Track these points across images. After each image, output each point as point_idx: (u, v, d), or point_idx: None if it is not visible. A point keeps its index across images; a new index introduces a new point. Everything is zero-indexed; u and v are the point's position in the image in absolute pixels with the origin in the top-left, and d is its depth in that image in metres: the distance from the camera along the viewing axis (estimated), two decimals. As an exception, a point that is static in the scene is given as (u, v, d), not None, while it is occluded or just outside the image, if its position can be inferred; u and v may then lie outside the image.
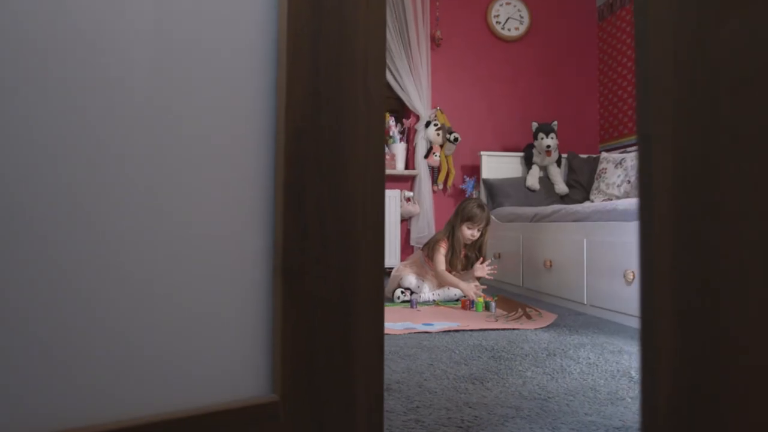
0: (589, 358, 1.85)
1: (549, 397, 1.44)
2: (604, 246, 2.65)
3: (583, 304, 2.83)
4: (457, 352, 1.94)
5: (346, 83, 0.74)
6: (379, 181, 0.74)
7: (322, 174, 0.71)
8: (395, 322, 2.47)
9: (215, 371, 0.70)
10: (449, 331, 2.30)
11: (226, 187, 0.70)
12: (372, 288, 0.74)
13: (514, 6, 4.72)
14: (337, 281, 0.72)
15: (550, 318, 2.54)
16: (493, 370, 1.69)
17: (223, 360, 0.71)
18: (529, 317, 2.59)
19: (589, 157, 4.45)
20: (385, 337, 2.18)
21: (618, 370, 1.71)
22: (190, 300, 0.68)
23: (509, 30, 4.72)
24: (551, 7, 4.81)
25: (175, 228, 0.67)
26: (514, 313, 2.71)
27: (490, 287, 3.68)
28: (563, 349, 1.98)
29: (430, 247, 3.24)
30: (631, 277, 2.41)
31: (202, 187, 0.69)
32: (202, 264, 0.69)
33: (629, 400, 1.42)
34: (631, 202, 2.55)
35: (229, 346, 0.71)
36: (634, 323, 2.42)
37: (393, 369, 1.70)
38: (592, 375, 1.65)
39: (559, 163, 4.41)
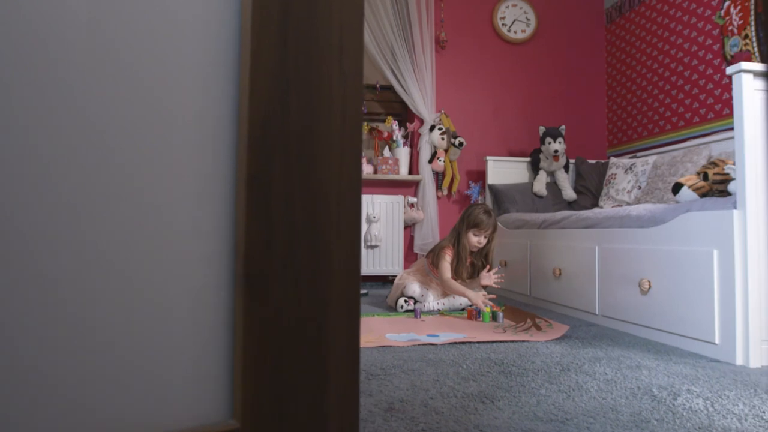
0: (606, 374, 1.73)
1: (567, 419, 1.32)
2: (618, 254, 2.53)
3: (595, 314, 2.70)
4: (464, 366, 1.82)
5: (318, 65, 0.64)
6: (355, 175, 0.63)
7: (291, 166, 0.61)
8: (399, 333, 2.35)
9: (164, 392, 0.58)
10: (455, 343, 2.19)
11: (180, 181, 0.59)
12: (347, 298, 0.63)
13: (521, 8, 4.62)
14: (308, 290, 0.62)
15: (561, 329, 2.42)
16: (503, 387, 1.57)
17: (175, 378, 0.59)
18: (539, 328, 2.47)
19: (597, 162, 4.33)
20: (389, 349, 2.06)
21: (638, 387, 1.59)
22: (136, 312, 0.57)
23: (515, 32, 4.62)
24: (558, 10, 4.71)
25: (114, 230, 0.56)
26: (522, 323, 2.59)
27: (497, 297, 3.56)
28: (578, 364, 1.86)
29: (434, 255, 3.13)
30: (647, 286, 2.29)
31: (150, 182, 0.58)
32: (150, 270, 0.58)
33: (654, 422, 1.30)
34: (646, 208, 2.43)
35: (183, 364, 0.60)
36: (650, 335, 2.30)
37: (396, 385, 1.58)
38: (611, 393, 1.53)
39: (566, 168, 4.30)
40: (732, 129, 3.31)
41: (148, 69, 0.59)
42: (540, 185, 4.18)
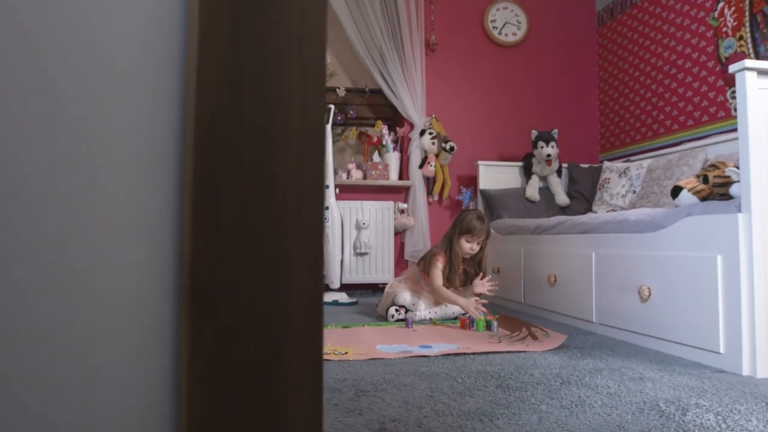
0: (609, 387, 1.64)
1: (572, 439, 1.22)
2: (616, 260, 2.44)
3: (592, 322, 2.62)
4: (459, 380, 1.72)
5: (275, 52, 0.55)
6: (317, 176, 0.54)
7: (244, 166, 0.52)
8: (390, 344, 2.25)
9: (100, 428, 0.49)
10: (449, 354, 2.09)
11: (115, 184, 0.50)
12: (310, 315, 0.54)
13: (512, 11, 4.55)
14: (264, 307, 0.52)
15: (558, 339, 2.33)
16: (502, 404, 1.47)
17: (111, 411, 0.49)
18: (535, 338, 2.38)
19: (590, 166, 4.26)
20: (379, 362, 1.96)
21: (644, 402, 1.49)
22: (66, 334, 0.47)
23: (506, 35, 4.55)
24: (549, 13, 4.65)
25: (40, 240, 0.46)
26: (518, 333, 2.49)
27: (489, 304, 3.46)
28: (578, 376, 1.77)
29: (426, 262, 3.03)
30: (647, 293, 2.21)
31: (81, 186, 0.48)
32: (81, 287, 0.48)
33: (666, 442, 1.21)
34: (645, 213, 2.35)
35: (120, 394, 0.50)
36: (651, 344, 2.22)
37: (388, 402, 1.48)
38: (617, 408, 1.44)
39: (559, 173, 4.23)
40: (728, 132, 3.26)
41: (72, 51, 0.49)
42: (533, 190, 4.11)
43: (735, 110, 3.29)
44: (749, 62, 1.83)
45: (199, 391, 0.49)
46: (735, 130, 3.23)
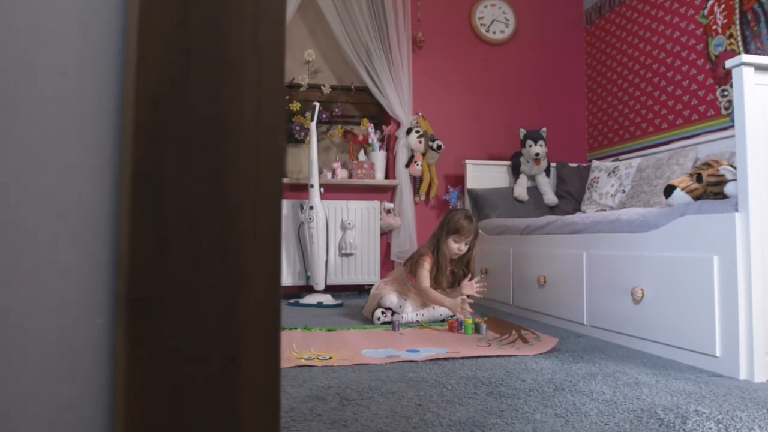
0: (604, 393, 1.58)
1: (569, 452, 1.15)
2: (607, 260, 2.38)
3: (583, 324, 2.56)
4: (448, 387, 1.64)
5: (227, 36, 0.48)
6: (275, 176, 0.47)
7: (191, 160, 0.44)
8: (376, 348, 2.17)
9: None
10: (437, 359, 2.01)
11: (40, 177, 0.42)
12: (267, 328, 0.47)
13: (499, 8, 4.49)
14: (215, 317, 0.45)
15: (549, 342, 2.26)
16: (494, 412, 1.40)
17: None
18: (525, 341, 2.31)
19: (578, 166, 4.22)
20: (365, 368, 1.88)
21: (642, 409, 1.43)
22: None
23: (494, 33, 4.49)
24: (537, 10, 4.60)
25: None
26: (507, 336, 2.42)
27: (477, 306, 3.40)
28: (572, 382, 1.70)
29: (413, 262, 2.95)
30: (640, 295, 2.15)
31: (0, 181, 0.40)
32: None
33: (669, 454, 1.15)
34: (638, 212, 2.29)
35: (41, 419, 0.42)
36: (645, 347, 2.16)
37: (374, 412, 1.40)
38: (614, 417, 1.37)
39: (547, 172, 4.17)
40: (718, 130, 3.22)
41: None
42: (521, 189, 4.05)
43: (725, 109, 3.25)
44: (746, 57, 1.77)
45: (139, 414, 0.41)
46: (725, 128, 3.20)
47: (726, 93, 3.24)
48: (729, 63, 1.83)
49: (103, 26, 0.45)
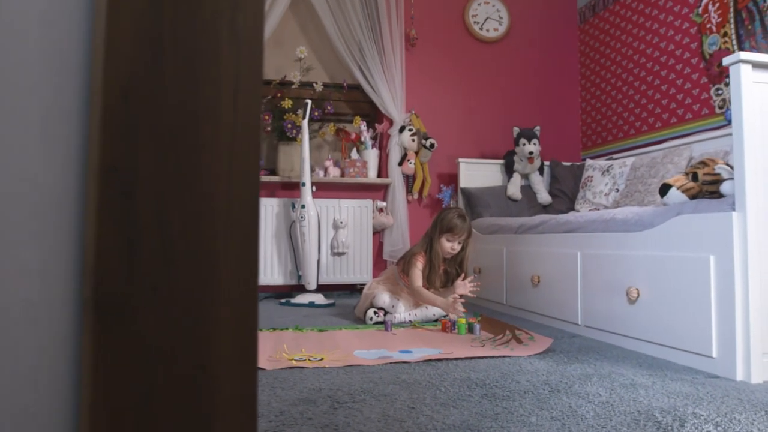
0: (600, 395, 1.55)
1: (567, 457, 1.12)
2: (602, 260, 2.36)
3: (577, 324, 2.53)
4: (442, 389, 1.61)
5: (203, 22, 0.44)
6: (252, 171, 0.44)
7: (164, 154, 0.41)
8: (368, 349, 2.14)
9: None
10: (430, 360, 1.98)
11: (0, 173, 0.38)
12: (242, 331, 0.43)
13: (493, 5, 4.46)
14: (187, 321, 0.42)
15: (544, 343, 2.23)
16: (489, 415, 1.37)
17: None
18: (519, 341, 2.28)
19: (572, 165, 4.20)
20: (357, 369, 1.84)
21: (639, 412, 1.40)
22: None
23: (488, 30, 4.46)
24: (531, 8, 4.57)
25: None
26: (501, 336, 2.40)
27: (470, 306, 3.37)
28: (567, 383, 1.67)
29: (405, 262, 2.92)
30: (635, 295, 2.12)
31: None
32: None
33: (668, 458, 1.12)
34: (633, 211, 2.27)
35: (5, 430, 0.38)
36: (640, 347, 2.14)
37: (366, 416, 1.36)
38: (611, 420, 1.34)
39: (541, 171, 4.15)
40: (713, 129, 3.21)
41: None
42: (514, 188, 4.02)
43: (719, 107, 3.24)
44: (744, 54, 1.75)
45: (105, 422, 0.38)
46: (719, 127, 3.18)
47: (720, 92, 3.23)
48: (726, 60, 1.81)
49: (67, 10, 0.41)
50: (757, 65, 1.77)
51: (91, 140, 0.39)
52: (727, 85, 3.18)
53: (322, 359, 1.95)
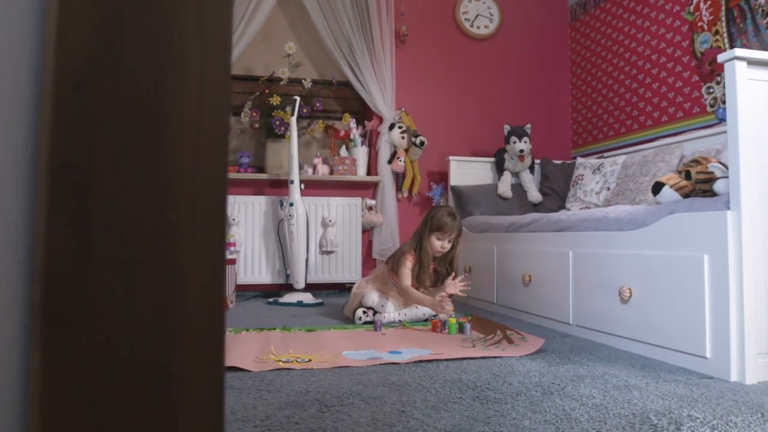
0: (594, 397, 1.52)
1: (562, 463, 1.09)
2: (594, 259, 2.33)
3: (569, 324, 2.51)
4: (432, 391, 1.57)
5: (165, 10, 0.39)
6: (218, 165, 0.40)
7: (123, 149, 0.37)
8: (357, 349, 2.10)
9: None
10: (421, 361, 1.94)
11: None
12: (208, 339, 0.39)
13: (484, 3, 4.43)
14: (148, 329, 0.38)
15: (535, 343, 2.20)
16: (481, 419, 1.33)
17: None
18: (510, 341, 2.25)
19: (563, 163, 4.18)
20: (346, 371, 1.80)
21: (633, 414, 1.37)
22: None
23: (478, 28, 4.43)
24: (521, 6, 4.54)
25: None
26: (492, 336, 2.36)
27: (461, 305, 3.34)
28: (560, 385, 1.64)
29: (395, 260, 2.88)
30: (628, 294, 2.10)
31: None
32: None
33: (665, 464, 1.09)
34: (625, 210, 2.24)
35: None
36: (632, 347, 2.11)
37: (355, 420, 1.32)
38: (605, 423, 1.31)
39: (531, 169, 4.13)
40: (704, 128, 3.19)
41: None
42: (505, 186, 3.99)
43: (710, 106, 3.22)
44: (739, 51, 1.73)
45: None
46: (710, 126, 3.17)
47: (711, 90, 3.22)
48: (721, 57, 1.78)
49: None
50: (752, 62, 1.75)
51: (41, 134, 0.35)
52: (718, 83, 3.16)
53: (310, 360, 1.90)
